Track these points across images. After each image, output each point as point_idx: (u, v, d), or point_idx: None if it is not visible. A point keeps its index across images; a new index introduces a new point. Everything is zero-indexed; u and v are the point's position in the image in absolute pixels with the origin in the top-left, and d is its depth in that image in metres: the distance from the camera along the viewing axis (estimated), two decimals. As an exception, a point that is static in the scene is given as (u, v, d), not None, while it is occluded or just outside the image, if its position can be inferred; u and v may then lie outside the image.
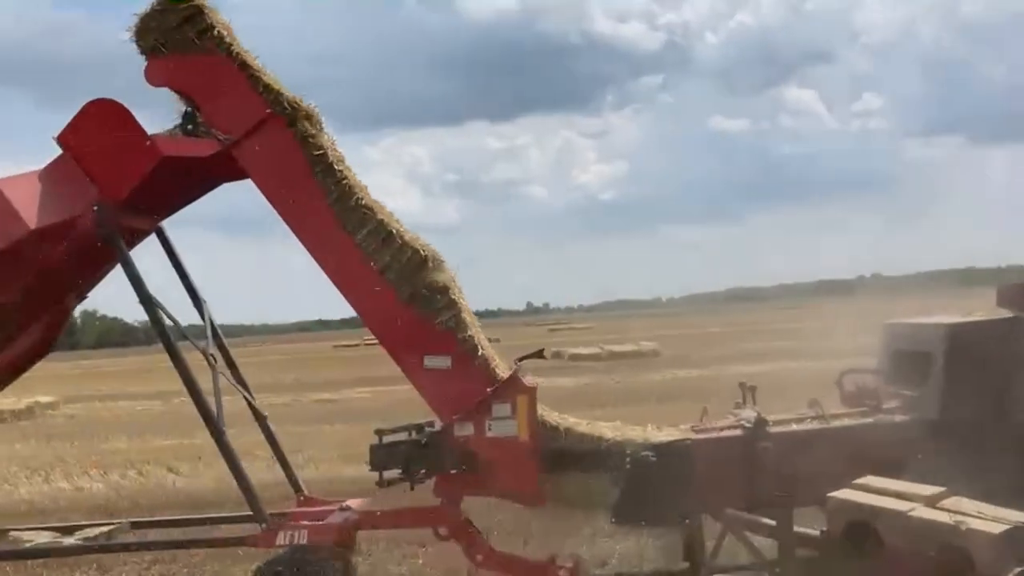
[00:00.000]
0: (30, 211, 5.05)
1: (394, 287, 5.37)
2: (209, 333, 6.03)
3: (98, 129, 5.21)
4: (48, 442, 18.83)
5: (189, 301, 6.29)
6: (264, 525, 5.33)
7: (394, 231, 5.44)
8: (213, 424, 5.43)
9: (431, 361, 5.32)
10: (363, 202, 5.45)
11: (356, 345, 52.19)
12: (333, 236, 5.40)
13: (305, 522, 5.39)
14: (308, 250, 5.50)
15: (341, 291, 5.52)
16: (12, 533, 6.00)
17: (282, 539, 5.28)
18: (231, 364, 6.21)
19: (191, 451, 16.09)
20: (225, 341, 6.45)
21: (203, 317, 6.12)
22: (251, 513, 6.01)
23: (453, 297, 5.42)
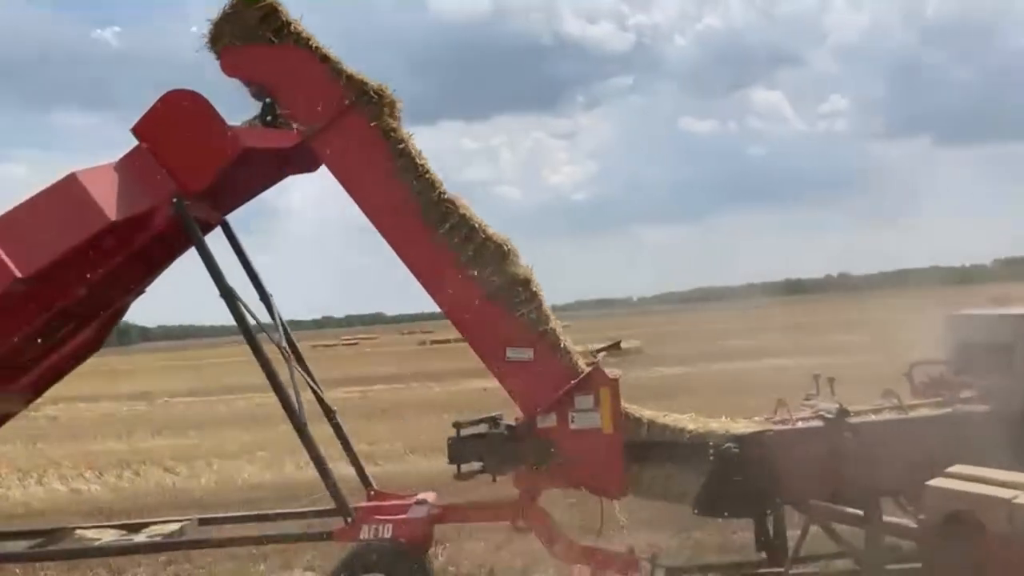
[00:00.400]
0: (109, 203, 4.93)
1: (478, 281, 5.37)
2: (280, 327, 5.97)
3: (176, 120, 5.11)
4: (35, 444, 18.45)
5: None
6: (350, 519, 5.27)
7: (476, 225, 5.44)
8: (296, 417, 5.36)
9: (514, 353, 5.33)
10: (445, 196, 5.44)
11: (334, 345, 51.92)
12: (416, 230, 5.39)
13: (389, 516, 5.34)
14: (389, 243, 5.48)
15: (424, 284, 5.50)
16: (77, 531, 5.89)
17: (366, 533, 5.24)
18: (299, 358, 6.15)
19: (185, 452, 15.93)
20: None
21: (271, 311, 6.06)
22: (321, 508, 6.02)
23: (534, 290, 5.43)
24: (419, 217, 5.38)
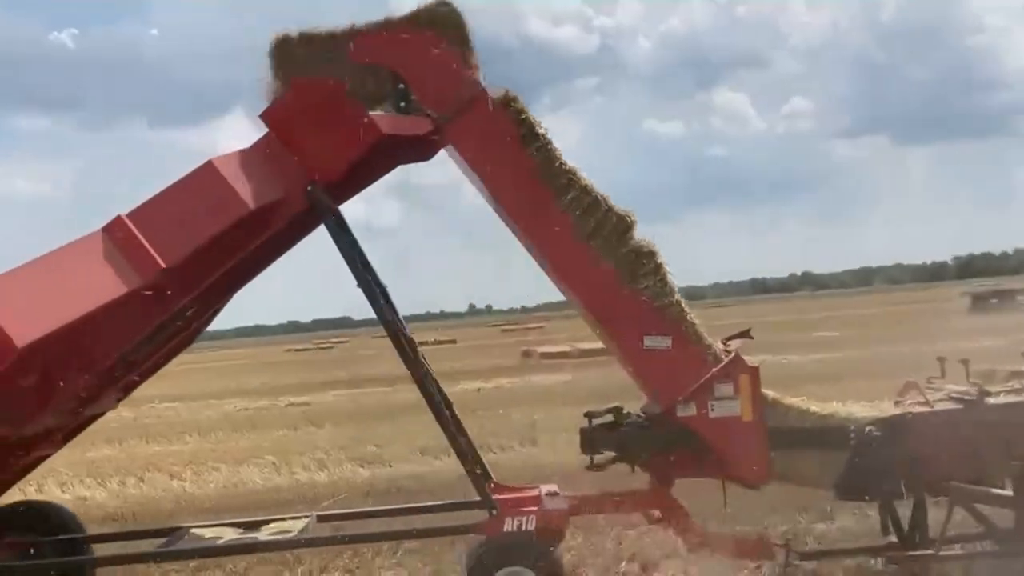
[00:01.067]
0: (246, 191, 4.77)
1: (601, 254, 5.30)
2: (400, 318, 5.84)
3: (311, 106, 4.97)
4: (26, 451, 17.80)
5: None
6: (495, 512, 5.16)
7: (599, 197, 5.35)
8: (438, 409, 5.25)
9: (651, 342, 5.28)
10: (566, 167, 5.35)
11: (308, 349, 51.26)
12: (540, 204, 5.29)
13: (532, 508, 5.25)
14: (516, 224, 5.42)
15: (551, 266, 5.44)
16: (193, 530, 5.72)
17: (510, 525, 5.14)
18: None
19: (185, 457, 15.52)
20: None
21: (388, 304, 5.92)
22: (445, 502, 5.93)
23: (659, 261, 5.38)
24: (545, 191, 5.28)
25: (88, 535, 6.22)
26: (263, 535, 5.52)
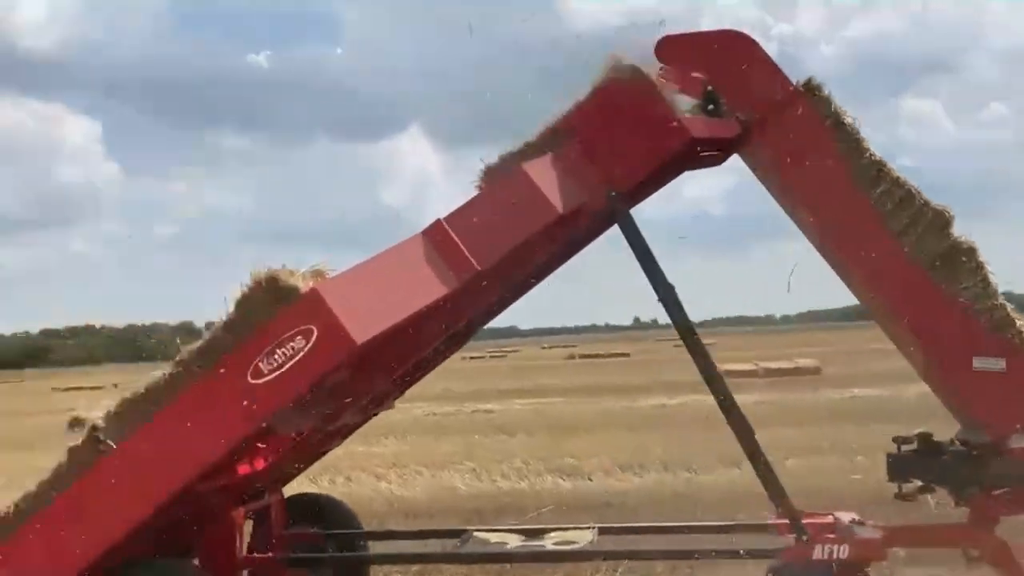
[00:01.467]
0: (554, 195, 4.73)
1: (917, 254, 4.88)
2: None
3: (618, 108, 4.87)
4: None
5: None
6: (805, 537, 4.86)
7: (912, 189, 4.93)
8: (738, 417, 5.01)
9: (982, 363, 4.80)
10: (875, 157, 4.97)
11: (482, 357, 52.21)
12: (850, 200, 4.94)
13: (842, 536, 4.92)
14: (821, 226, 5.11)
15: (860, 271, 5.08)
16: (476, 534, 5.76)
17: (819, 553, 4.82)
18: None
19: (387, 459, 15.92)
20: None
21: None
22: (729, 523, 5.73)
23: (980, 260, 4.89)
24: (855, 186, 4.93)
25: (367, 531, 6.36)
26: (548, 543, 5.45)
